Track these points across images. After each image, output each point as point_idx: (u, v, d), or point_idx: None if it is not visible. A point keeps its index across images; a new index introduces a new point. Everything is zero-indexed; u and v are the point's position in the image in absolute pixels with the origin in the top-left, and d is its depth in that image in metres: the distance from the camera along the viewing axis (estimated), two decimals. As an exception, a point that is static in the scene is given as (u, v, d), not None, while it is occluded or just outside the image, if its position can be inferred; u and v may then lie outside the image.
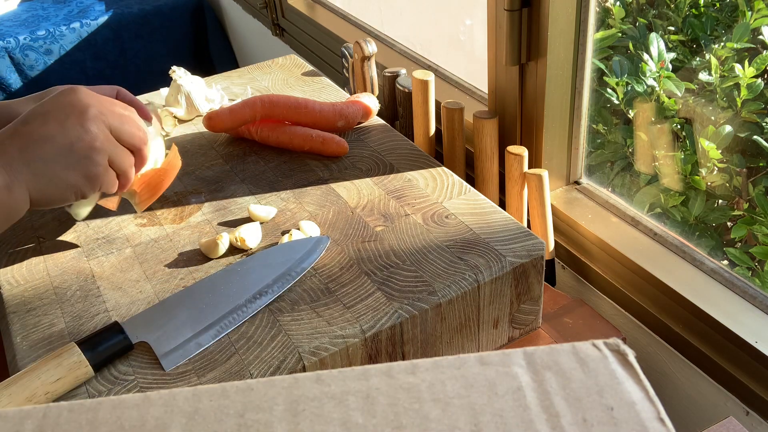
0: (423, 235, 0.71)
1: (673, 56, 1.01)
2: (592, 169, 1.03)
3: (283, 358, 0.59)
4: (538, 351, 0.29)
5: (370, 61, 1.02)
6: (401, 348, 0.64)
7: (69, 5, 2.38)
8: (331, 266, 0.68)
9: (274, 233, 0.73)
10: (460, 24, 1.31)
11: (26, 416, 0.27)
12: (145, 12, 2.33)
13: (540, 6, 0.81)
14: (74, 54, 2.27)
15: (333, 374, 0.28)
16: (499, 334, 0.72)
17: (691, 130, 1.01)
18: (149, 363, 0.59)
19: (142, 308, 0.65)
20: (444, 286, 0.64)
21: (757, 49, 0.93)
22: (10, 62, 2.19)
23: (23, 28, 2.23)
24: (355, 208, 0.76)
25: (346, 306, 0.63)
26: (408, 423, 0.26)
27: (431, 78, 0.90)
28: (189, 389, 0.28)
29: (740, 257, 0.93)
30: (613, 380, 0.27)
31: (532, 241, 0.69)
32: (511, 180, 0.85)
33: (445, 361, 0.29)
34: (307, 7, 1.57)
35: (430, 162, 0.83)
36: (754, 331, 0.73)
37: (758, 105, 0.93)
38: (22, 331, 0.63)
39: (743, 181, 0.98)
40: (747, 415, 0.75)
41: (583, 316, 0.79)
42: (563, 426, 0.26)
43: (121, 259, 0.71)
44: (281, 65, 1.10)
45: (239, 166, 0.85)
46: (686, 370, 0.81)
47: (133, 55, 2.36)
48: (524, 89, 0.89)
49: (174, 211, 0.78)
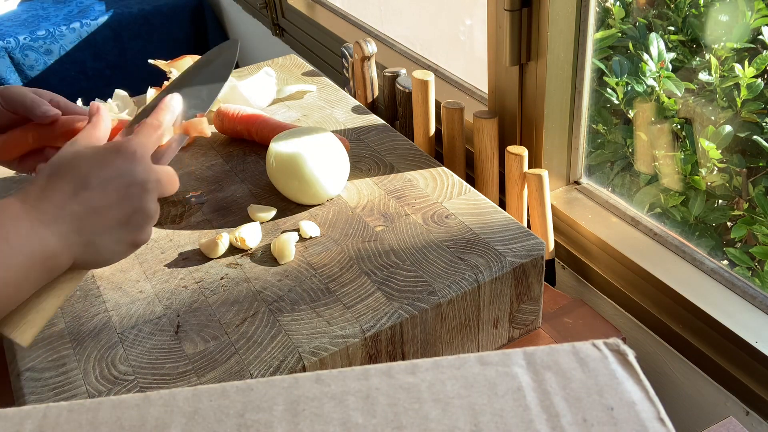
0: (423, 235, 0.71)
1: (673, 56, 1.01)
2: (592, 169, 1.03)
3: (283, 358, 0.59)
4: (538, 351, 0.29)
5: (370, 61, 1.02)
6: (401, 348, 0.64)
7: (69, 5, 2.38)
8: (331, 266, 0.68)
9: (274, 233, 0.73)
10: (460, 24, 1.31)
11: (26, 416, 0.27)
12: (145, 12, 2.33)
13: (540, 6, 0.81)
14: (74, 54, 2.27)
15: (333, 374, 0.28)
16: (499, 334, 0.72)
17: (691, 130, 1.01)
18: (149, 363, 0.59)
19: (142, 308, 0.65)
20: (444, 286, 0.64)
21: (757, 49, 0.93)
22: (10, 62, 2.19)
23: (23, 28, 2.23)
24: (355, 208, 0.76)
25: (346, 306, 0.63)
26: (408, 423, 0.26)
27: (431, 78, 0.90)
28: (189, 389, 0.28)
29: (740, 257, 0.93)
30: (613, 380, 0.27)
31: (532, 241, 0.69)
32: (511, 180, 0.85)
33: (445, 361, 0.29)
34: (307, 7, 1.57)
35: (430, 162, 0.83)
36: (754, 331, 0.73)
37: (758, 105, 0.93)
38: (22, 331, 0.63)
39: (743, 181, 0.98)
40: (747, 415, 0.75)
41: (583, 316, 0.79)
42: (563, 426, 0.26)
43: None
44: (281, 65, 1.10)
45: (239, 166, 0.85)
46: (686, 370, 0.81)
47: (133, 55, 2.36)
48: (524, 89, 0.89)
49: (174, 211, 0.78)
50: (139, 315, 0.64)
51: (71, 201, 0.52)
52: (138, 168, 0.55)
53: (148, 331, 0.62)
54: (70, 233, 0.52)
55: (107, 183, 0.53)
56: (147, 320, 0.63)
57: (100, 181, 0.53)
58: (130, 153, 0.55)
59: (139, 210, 0.55)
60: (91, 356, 0.60)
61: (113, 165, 0.54)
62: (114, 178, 0.54)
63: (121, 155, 0.55)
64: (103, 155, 0.55)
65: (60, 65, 2.26)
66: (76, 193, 0.53)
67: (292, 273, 0.67)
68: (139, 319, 0.64)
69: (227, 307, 0.64)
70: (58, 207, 0.52)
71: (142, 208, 0.55)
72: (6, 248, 0.48)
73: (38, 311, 0.54)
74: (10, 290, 0.49)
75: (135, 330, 0.63)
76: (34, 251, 0.50)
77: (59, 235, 0.51)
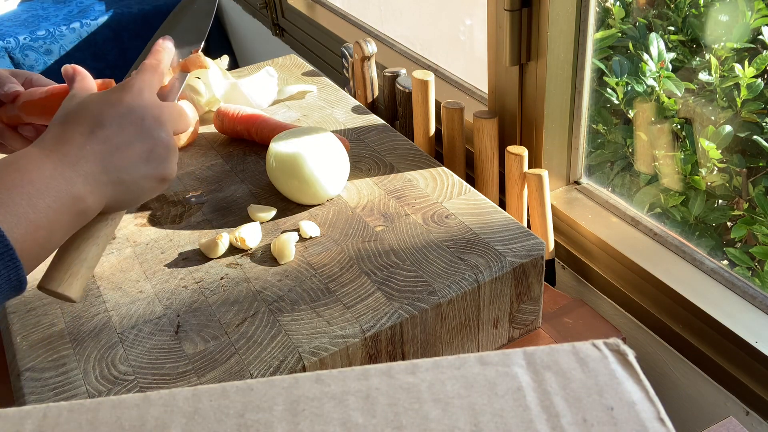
0: (423, 235, 0.71)
1: (673, 56, 1.01)
2: (592, 169, 1.03)
3: (283, 358, 0.59)
4: (538, 351, 0.29)
5: (370, 61, 1.02)
6: (401, 348, 0.64)
7: (69, 5, 2.38)
8: (331, 266, 0.68)
9: (274, 233, 0.73)
10: (460, 24, 1.31)
11: (26, 416, 0.27)
12: (145, 12, 2.33)
13: (540, 6, 0.81)
14: (74, 54, 2.26)
15: (333, 374, 0.28)
16: (499, 334, 0.72)
17: (691, 130, 1.01)
18: (149, 363, 0.59)
19: (142, 308, 0.65)
20: (444, 286, 0.64)
21: (757, 49, 0.93)
22: (10, 62, 2.19)
23: (23, 28, 2.23)
24: (355, 208, 0.76)
25: (346, 306, 0.63)
26: (408, 423, 0.26)
27: (431, 78, 0.90)
28: (189, 389, 0.28)
29: (740, 257, 0.93)
30: (613, 380, 0.27)
31: (532, 241, 0.69)
32: (511, 180, 0.85)
33: (445, 361, 0.29)
34: (307, 7, 1.57)
35: (430, 162, 0.83)
36: (754, 331, 0.73)
37: (758, 105, 0.93)
38: (22, 331, 0.63)
39: (743, 181, 0.98)
40: (747, 415, 0.75)
41: (583, 316, 0.79)
42: (563, 426, 0.26)
43: (121, 259, 0.71)
44: (281, 65, 1.10)
45: (239, 166, 0.85)
46: (686, 370, 0.81)
47: (133, 55, 2.36)
48: (524, 89, 0.89)
49: (174, 211, 0.78)
50: (139, 315, 0.64)
51: (90, 140, 0.51)
52: (148, 102, 0.55)
53: (148, 331, 0.62)
54: (96, 173, 0.51)
55: (122, 119, 0.53)
56: (147, 320, 0.64)
57: (114, 118, 0.53)
58: (136, 90, 0.55)
59: (159, 142, 0.54)
60: (91, 356, 0.60)
61: (123, 102, 0.54)
62: (127, 114, 0.53)
63: (128, 93, 0.55)
64: (110, 95, 0.54)
65: (60, 65, 2.26)
66: (93, 132, 0.52)
67: (292, 273, 0.67)
68: (139, 319, 0.64)
69: (227, 307, 0.64)
70: (78, 147, 0.51)
71: (162, 140, 0.55)
72: (31, 190, 0.47)
73: (81, 261, 0.53)
74: (42, 233, 0.47)
75: (135, 330, 0.63)
76: (61, 191, 0.48)
77: (85, 176, 0.50)
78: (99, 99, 0.54)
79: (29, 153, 0.50)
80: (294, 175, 0.74)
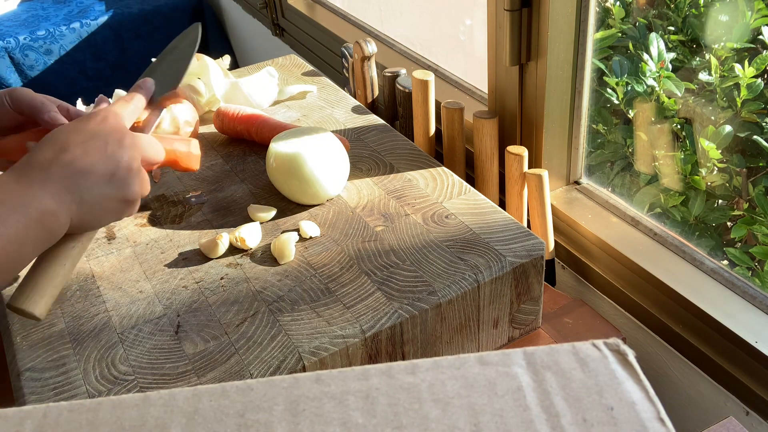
0: (423, 235, 0.71)
1: (673, 56, 1.01)
2: (592, 169, 1.03)
3: (283, 358, 0.59)
4: (538, 351, 0.29)
5: (370, 61, 1.02)
6: (401, 348, 0.64)
7: (69, 5, 2.38)
8: (331, 266, 0.68)
9: (274, 233, 0.73)
10: (460, 24, 1.31)
11: (26, 416, 0.27)
12: (145, 12, 2.33)
13: (540, 6, 0.81)
14: (74, 54, 2.26)
15: (333, 374, 0.28)
16: (499, 334, 0.72)
17: (691, 130, 1.01)
18: (149, 363, 0.59)
19: (142, 308, 0.65)
20: (444, 286, 0.64)
21: (757, 49, 0.93)
22: (10, 62, 2.19)
23: (23, 28, 2.23)
24: (355, 208, 0.76)
25: (346, 306, 0.63)
26: (408, 423, 0.26)
27: (431, 78, 0.90)
28: (189, 389, 0.28)
29: (740, 257, 0.93)
30: (613, 380, 0.27)
31: (532, 241, 0.69)
32: (511, 180, 0.85)
33: (445, 361, 0.29)
34: (307, 7, 1.57)
35: (430, 162, 0.83)
36: (754, 331, 0.73)
37: (758, 105, 0.93)
38: (22, 331, 0.63)
39: (743, 181, 0.98)
40: (747, 415, 0.75)
41: (583, 316, 0.79)
42: (563, 426, 0.26)
43: (121, 259, 0.71)
44: (281, 65, 1.10)
45: (239, 166, 0.85)
46: (686, 370, 0.81)
47: (133, 55, 2.36)
48: (524, 89, 0.89)
49: (174, 211, 0.78)
50: (139, 315, 0.64)
51: (54, 164, 0.56)
52: (111, 128, 0.59)
53: (148, 331, 0.62)
54: (60, 192, 0.55)
55: (85, 144, 0.57)
56: (147, 320, 0.64)
57: (78, 143, 0.57)
58: (101, 117, 0.60)
59: (120, 166, 0.58)
60: (91, 356, 0.60)
61: (87, 129, 0.58)
62: (90, 140, 0.58)
63: (92, 120, 0.60)
64: (76, 124, 0.59)
65: (60, 65, 2.26)
66: (57, 156, 0.56)
67: (292, 273, 0.67)
68: (139, 319, 0.64)
69: (227, 307, 0.64)
70: (44, 170, 0.55)
71: (123, 163, 0.58)
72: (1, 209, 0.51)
73: (47, 279, 0.56)
74: (12, 247, 0.51)
75: (135, 330, 0.63)
76: (29, 207, 0.53)
77: (51, 194, 0.55)
78: (66, 127, 0.59)
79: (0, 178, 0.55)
80: (294, 175, 0.74)
